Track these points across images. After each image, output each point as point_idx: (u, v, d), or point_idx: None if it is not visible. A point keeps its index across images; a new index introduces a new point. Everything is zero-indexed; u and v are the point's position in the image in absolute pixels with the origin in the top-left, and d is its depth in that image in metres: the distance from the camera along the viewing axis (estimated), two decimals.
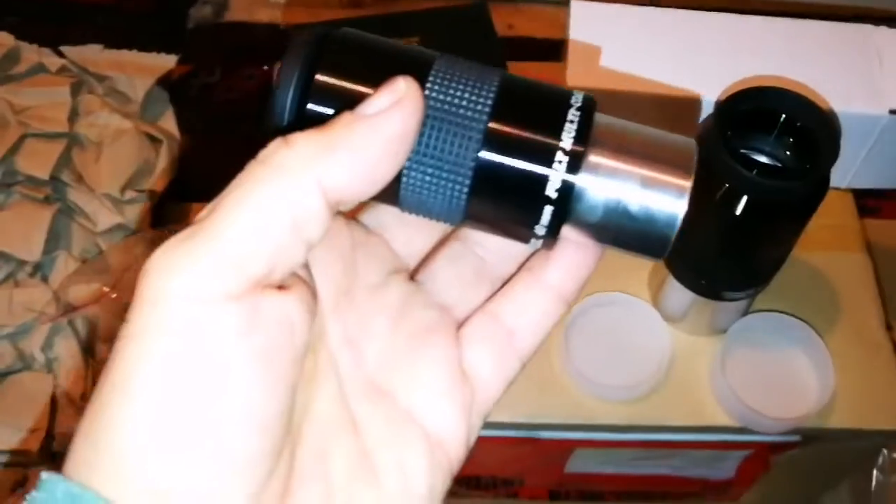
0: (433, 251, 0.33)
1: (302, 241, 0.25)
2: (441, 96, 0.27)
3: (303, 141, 0.25)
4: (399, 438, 0.29)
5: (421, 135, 0.27)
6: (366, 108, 0.26)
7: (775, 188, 0.51)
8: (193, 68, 1.35)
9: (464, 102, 0.27)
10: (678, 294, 0.62)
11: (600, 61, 0.66)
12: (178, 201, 1.13)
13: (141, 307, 0.24)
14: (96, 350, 0.98)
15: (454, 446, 0.30)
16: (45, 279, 1.00)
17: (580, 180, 0.27)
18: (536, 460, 0.75)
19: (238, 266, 0.24)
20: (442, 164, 0.27)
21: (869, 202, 1.11)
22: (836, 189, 0.72)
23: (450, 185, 0.28)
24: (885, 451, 0.77)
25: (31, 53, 1.15)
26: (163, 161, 1.10)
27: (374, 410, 0.29)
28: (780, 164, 0.56)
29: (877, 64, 0.67)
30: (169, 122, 1.19)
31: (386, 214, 0.32)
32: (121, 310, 0.95)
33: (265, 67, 1.34)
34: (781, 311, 0.66)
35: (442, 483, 0.29)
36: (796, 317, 0.66)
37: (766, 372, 0.65)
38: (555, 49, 1.04)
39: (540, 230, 0.28)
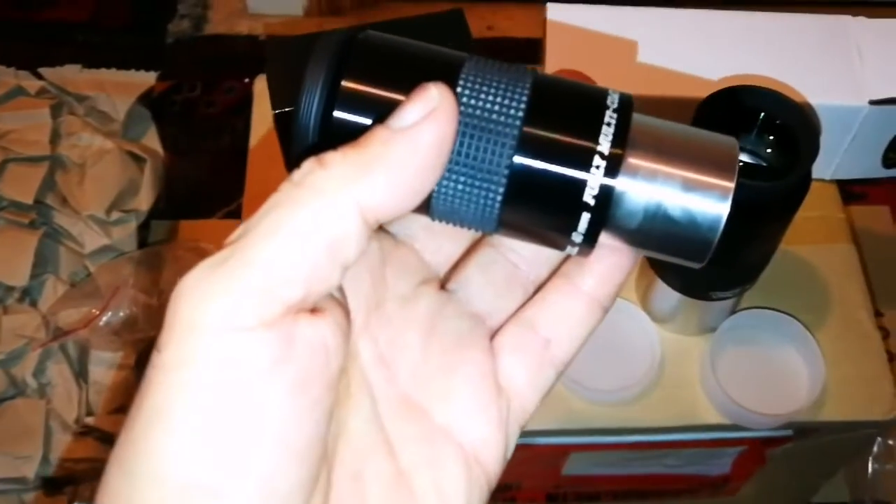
0: (464, 257, 0.32)
1: (338, 263, 0.24)
2: (472, 101, 0.26)
3: (338, 161, 0.24)
4: (435, 458, 0.28)
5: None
6: (399, 120, 0.25)
7: (757, 189, 0.51)
8: (174, 84, 1.35)
9: (496, 107, 0.26)
10: (666, 295, 0.62)
11: (576, 62, 0.66)
12: (164, 219, 1.14)
13: (174, 335, 0.23)
14: (89, 373, 0.98)
15: (491, 461, 0.29)
16: (33, 304, 1.00)
17: (619, 184, 0.26)
18: (533, 465, 0.75)
19: (273, 292, 0.23)
20: (475, 171, 0.26)
21: (855, 188, 1.11)
22: (821, 181, 0.72)
23: (483, 192, 0.27)
24: (879, 440, 0.77)
25: (9, 77, 1.15)
26: (147, 179, 1.10)
27: (409, 429, 0.28)
28: (762, 163, 0.56)
29: (856, 55, 0.67)
30: (152, 140, 1.19)
31: (414, 223, 0.31)
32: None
33: (246, 80, 1.34)
34: (769, 308, 0.66)
35: (479, 500, 0.29)
36: (784, 312, 0.66)
37: (757, 368, 0.65)
38: (535, 48, 1.04)
39: (577, 237, 0.27)
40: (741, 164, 0.55)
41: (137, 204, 1.09)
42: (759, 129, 0.55)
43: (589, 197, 0.26)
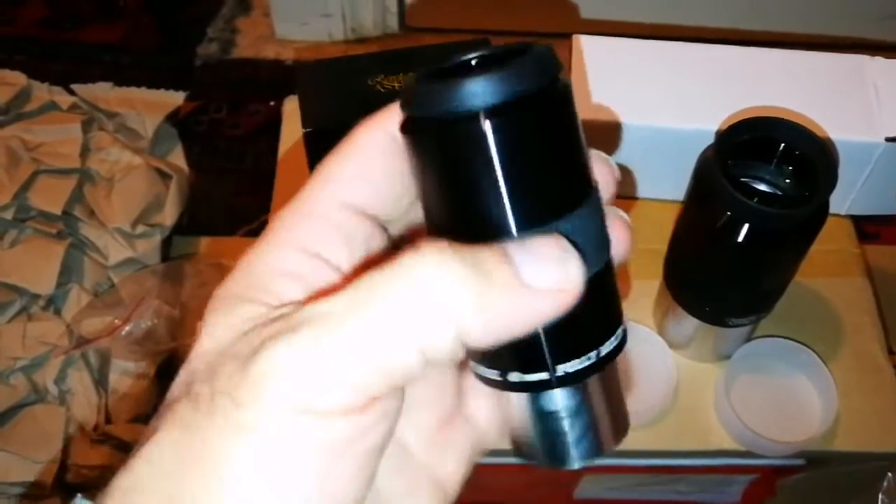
0: None
1: (425, 363, 0.23)
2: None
3: (457, 268, 0.23)
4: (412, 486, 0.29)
5: None
6: (532, 273, 0.23)
7: (776, 216, 0.52)
8: (201, 105, 1.37)
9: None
10: (683, 321, 0.63)
11: (600, 92, 0.68)
12: (187, 235, 1.15)
13: (257, 401, 0.23)
14: (109, 382, 0.99)
15: (454, 488, 0.30)
16: (58, 312, 1.02)
17: (530, 398, 0.27)
18: (544, 488, 0.75)
19: (361, 387, 0.23)
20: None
21: (868, 228, 1.12)
22: (836, 215, 0.73)
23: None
24: (889, 475, 0.78)
25: (43, 92, 1.18)
26: (172, 195, 1.12)
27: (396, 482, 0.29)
28: (779, 192, 0.57)
29: (873, 93, 0.68)
30: (178, 158, 1.22)
31: None
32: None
33: (271, 103, 1.36)
34: (784, 337, 0.67)
35: None
36: (799, 342, 0.67)
37: (770, 396, 0.66)
38: None
39: (476, 368, 0.28)
40: (760, 192, 0.56)
41: (162, 219, 1.11)
42: (778, 160, 0.56)
43: (507, 377, 0.26)
